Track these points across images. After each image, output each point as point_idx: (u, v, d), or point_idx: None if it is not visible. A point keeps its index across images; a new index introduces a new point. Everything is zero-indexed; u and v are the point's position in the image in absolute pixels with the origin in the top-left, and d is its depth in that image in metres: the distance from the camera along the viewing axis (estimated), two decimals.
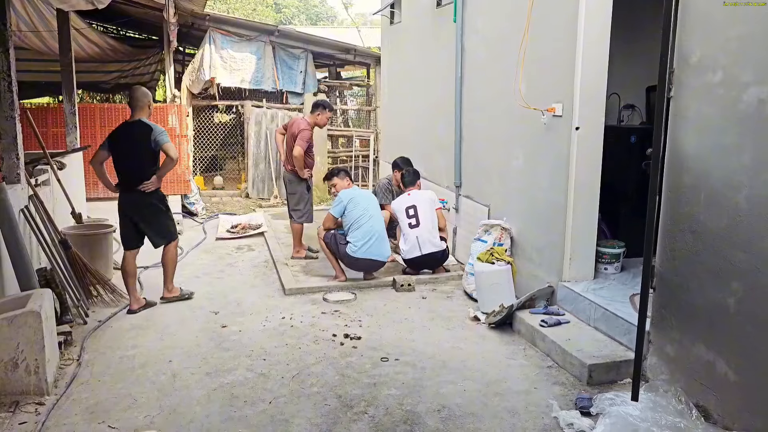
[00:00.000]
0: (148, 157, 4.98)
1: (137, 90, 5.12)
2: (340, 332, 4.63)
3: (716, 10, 3.19)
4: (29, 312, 3.49)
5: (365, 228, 5.68)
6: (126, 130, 5.00)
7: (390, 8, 9.06)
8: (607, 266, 4.90)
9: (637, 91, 5.76)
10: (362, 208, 5.77)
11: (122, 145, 4.97)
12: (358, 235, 5.67)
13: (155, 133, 4.90)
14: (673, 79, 3.46)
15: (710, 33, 3.24)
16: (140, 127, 4.94)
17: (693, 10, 3.34)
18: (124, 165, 5.01)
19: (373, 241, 5.69)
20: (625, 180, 5.27)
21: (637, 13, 5.44)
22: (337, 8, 40.59)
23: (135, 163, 4.96)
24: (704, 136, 3.30)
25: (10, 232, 3.94)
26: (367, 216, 5.74)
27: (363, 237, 5.66)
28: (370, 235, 5.68)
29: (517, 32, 5.09)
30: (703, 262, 3.32)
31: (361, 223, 5.70)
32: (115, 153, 4.98)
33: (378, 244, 5.72)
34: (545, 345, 4.25)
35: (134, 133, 4.93)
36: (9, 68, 4.32)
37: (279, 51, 11.15)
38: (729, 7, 3.11)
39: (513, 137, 5.37)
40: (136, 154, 4.94)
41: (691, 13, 3.35)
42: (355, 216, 5.72)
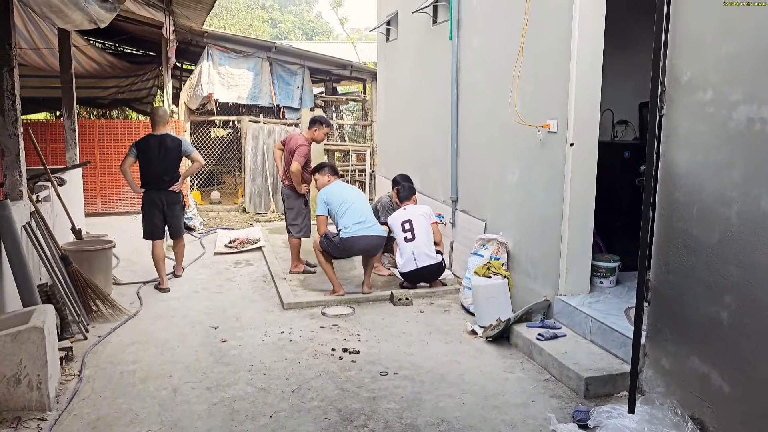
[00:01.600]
0: (176, 163, 6.11)
1: (159, 109, 6.26)
2: (339, 346, 4.67)
3: (706, 31, 3.29)
4: (32, 328, 3.53)
5: (351, 211, 5.87)
6: (157, 141, 5.98)
7: (386, 25, 9.18)
8: (603, 280, 4.97)
9: (630, 107, 5.86)
10: (341, 199, 5.95)
11: (153, 153, 5.95)
12: (346, 219, 5.85)
13: (184, 144, 6.17)
14: (665, 98, 3.55)
15: (700, 53, 3.33)
16: (172, 139, 6.08)
17: (683, 30, 3.44)
18: (156, 169, 6.00)
19: (363, 220, 5.86)
20: (620, 195, 5.35)
21: (629, 30, 5.55)
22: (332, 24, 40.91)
23: (168, 168, 6.03)
24: (696, 153, 3.38)
25: (14, 249, 3.98)
26: (348, 203, 5.92)
27: (351, 219, 5.83)
28: (358, 215, 5.87)
29: (512, 50, 5.20)
30: (696, 276, 3.38)
31: (345, 208, 5.88)
32: (145, 159, 5.97)
33: (369, 222, 5.90)
34: (542, 358, 4.30)
35: (167, 144, 6.00)
36: (13, 87, 4.38)
37: (276, 67, 11.26)
38: (718, 27, 3.21)
39: (509, 153, 5.45)
40: (168, 161, 6.01)
41: (682, 33, 3.45)
42: (336, 206, 5.92)
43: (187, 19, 8.89)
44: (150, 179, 6.03)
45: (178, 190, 6.13)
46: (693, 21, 3.38)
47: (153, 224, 6.09)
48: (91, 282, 5.21)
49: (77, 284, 5.09)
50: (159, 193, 6.03)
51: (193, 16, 8.61)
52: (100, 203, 9.59)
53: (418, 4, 7.32)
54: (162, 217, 6.11)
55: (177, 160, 6.08)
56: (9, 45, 4.35)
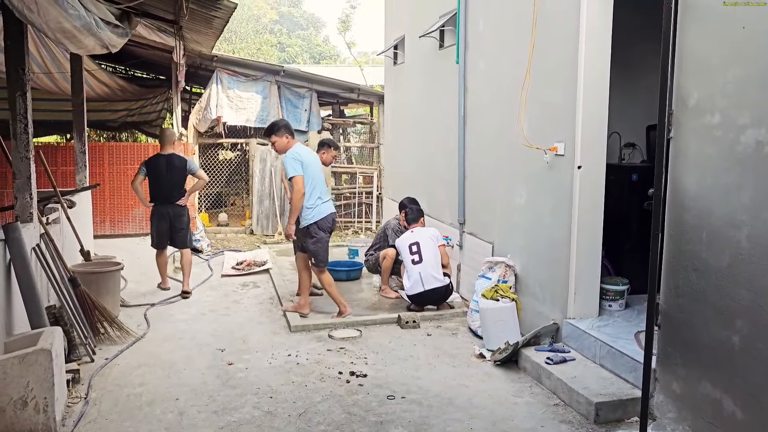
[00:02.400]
0: (182, 180, 6.71)
1: (167, 130, 7.12)
2: (346, 370, 4.64)
3: (712, 54, 3.31)
4: (40, 350, 3.52)
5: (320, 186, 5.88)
6: (165, 159, 6.61)
7: (393, 49, 9.28)
8: (612, 303, 4.93)
9: (637, 130, 5.86)
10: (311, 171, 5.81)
11: (161, 171, 6.58)
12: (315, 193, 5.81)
13: (189, 163, 6.81)
14: (673, 121, 3.56)
15: (707, 76, 3.35)
16: (178, 158, 6.72)
17: (689, 53, 3.46)
18: (164, 185, 6.62)
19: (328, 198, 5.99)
20: (628, 217, 5.34)
21: (636, 54, 5.58)
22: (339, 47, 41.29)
23: (174, 184, 6.65)
24: (705, 176, 3.38)
25: (23, 271, 4.00)
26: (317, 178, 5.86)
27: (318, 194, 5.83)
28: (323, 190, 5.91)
29: (518, 72, 5.23)
30: (706, 300, 3.36)
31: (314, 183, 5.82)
32: (154, 177, 6.59)
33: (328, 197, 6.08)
34: (551, 382, 4.26)
35: (174, 163, 6.63)
36: (26, 111, 4.44)
37: (284, 90, 11.37)
38: (725, 50, 3.23)
39: (516, 175, 5.46)
40: (175, 178, 6.64)
41: (688, 57, 3.47)
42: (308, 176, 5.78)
43: (196, 43, 9.00)
44: (159, 195, 6.65)
45: (184, 204, 6.76)
46: (699, 45, 3.40)
47: (160, 234, 6.71)
48: (99, 304, 5.22)
49: (85, 306, 5.09)
50: (167, 206, 6.65)
51: (203, 41, 8.72)
52: (109, 225, 9.64)
53: (424, 29, 7.40)
54: (168, 228, 6.69)
55: (183, 177, 6.70)
56: (22, 70, 4.42)
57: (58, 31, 3.95)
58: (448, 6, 6.95)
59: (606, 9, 4.45)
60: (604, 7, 4.44)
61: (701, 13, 3.37)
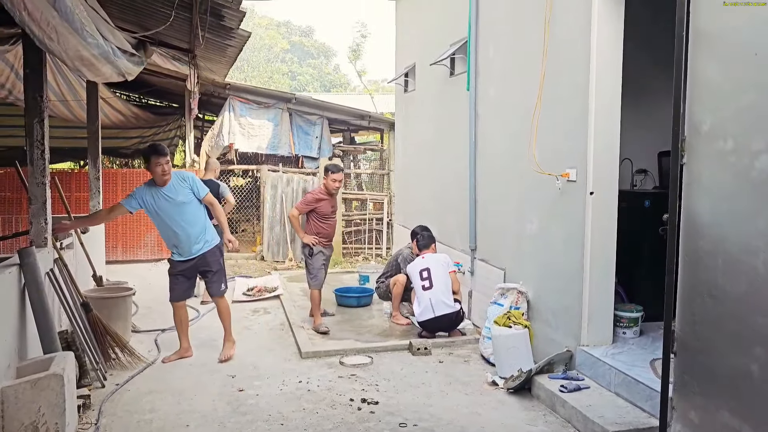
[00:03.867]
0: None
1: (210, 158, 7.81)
2: (358, 397, 4.60)
3: (725, 80, 3.31)
4: (52, 375, 3.52)
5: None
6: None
7: (404, 77, 9.38)
8: (626, 330, 4.88)
9: (649, 157, 5.86)
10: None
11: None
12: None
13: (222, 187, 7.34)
14: (685, 147, 3.55)
15: (720, 102, 3.34)
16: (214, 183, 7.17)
17: (702, 80, 3.46)
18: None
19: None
20: (640, 244, 5.30)
21: (647, 81, 5.60)
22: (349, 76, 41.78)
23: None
24: (719, 203, 3.36)
25: (37, 296, 4.02)
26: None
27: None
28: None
29: (529, 99, 5.26)
30: (724, 327, 3.31)
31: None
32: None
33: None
34: (565, 411, 4.20)
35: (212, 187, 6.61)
36: (43, 137, 4.50)
37: (295, 117, 11.49)
38: (737, 77, 3.23)
39: (527, 201, 5.46)
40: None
41: (701, 83, 3.47)
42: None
43: (210, 71, 9.15)
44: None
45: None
46: (711, 71, 3.41)
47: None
48: (111, 329, 5.22)
49: (97, 331, 5.10)
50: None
51: (216, 69, 8.86)
52: (121, 250, 9.70)
53: (435, 57, 7.48)
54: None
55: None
56: (40, 97, 4.49)
57: (76, 59, 4.02)
58: (458, 34, 7.04)
59: (617, 36, 4.49)
60: (615, 34, 4.49)
61: (712, 40, 3.39)
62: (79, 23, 3.56)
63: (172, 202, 5.16)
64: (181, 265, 5.37)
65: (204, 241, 5.34)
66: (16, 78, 7.36)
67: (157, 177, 5.13)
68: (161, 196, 5.15)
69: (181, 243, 5.25)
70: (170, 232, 5.23)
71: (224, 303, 5.59)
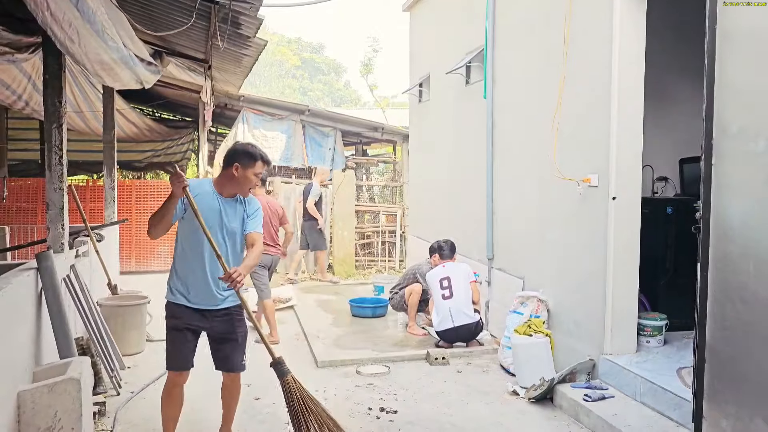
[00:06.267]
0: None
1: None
2: (376, 405, 4.51)
3: (755, 80, 3.25)
4: (69, 379, 3.46)
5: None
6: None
7: (419, 87, 9.36)
8: (650, 339, 4.78)
9: (670, 164, 5.79)
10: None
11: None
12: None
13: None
14: (713, 149, 3.48)
15: (751, 101, 3.28)
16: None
17: (730, 81, 3.40)
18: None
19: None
20: (663, 252, 5.21)
21: (668, 89, 5.55)
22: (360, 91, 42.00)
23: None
24: (750, 205, 3.28)
25: (54, 300, 3.98)
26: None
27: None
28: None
29: (548, 105, 5.22)
30: (755, 332, 3.22)
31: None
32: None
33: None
34: (590, 421, 4.09)
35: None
36: (61, 143, 4.50)
37: (309, 129, 11.50)
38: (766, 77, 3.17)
39: (547, 208, 5.39)
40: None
41: (729, 84, 3.41)
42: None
43: (225, 82, 9.17)
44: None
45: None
46: (740, 71, 3.35)
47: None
48: None
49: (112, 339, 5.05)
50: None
51: (231, 80, 8.88)
52: (135, 261, 9.70)
53: (450, 66, 7.46)
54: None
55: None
56: (59, 102, 4.49)
57: (96, 63, 4.02)
58: (474, 43, 7.02)
59: (638, 41, 4.44)
60: (637, 39, 4.44)
61: (741, 39, 3.33)
62: (100, 26, 3.55)
63: (225, 218, 3.55)
64: (189, 315, 3.61)
65: (233, 293, 3.60)
66: (33, 89, 7.41)
67: (245, 182, 3.54)
68: (219, 202, 3.55)
69: (199, 283, 3.56)
70: (195, 260, 3.53)
71: (239, 382, 3.95)
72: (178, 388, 3.71)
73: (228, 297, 3.61)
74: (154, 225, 3.39)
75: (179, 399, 3.72)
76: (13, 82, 7.02)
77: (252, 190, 3.67)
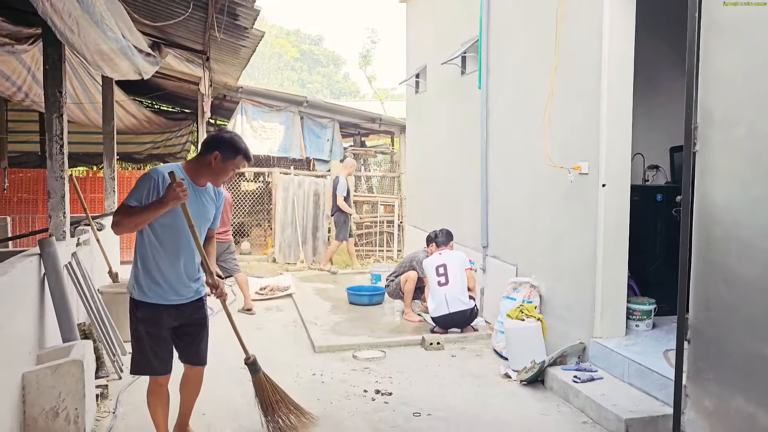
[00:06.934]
0: None
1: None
2: (371, 388, 4.62)
3: (738, 67, 3.34)
4: (72, 361, 3.57)
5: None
6: None
7: (415, 78, 9.44)
8: (639, 323, 4.88)
9: (660, 152, 5.88)
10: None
11: None
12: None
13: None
14: (698, 134, 3.58)
15: (733, 88, 3.37)
16: None
17: (715, 67, 3.49)
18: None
19: None
20: (653, 238, 5.32)
21: (659, 79, 5.63)
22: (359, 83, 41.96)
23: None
24: (732, 188, 3.38)
25: (57, 285, 4.09)
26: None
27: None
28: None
29: (541, 95, 5.30)
30: (737, 312, 3.32)
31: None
32: None
33: None
34: (579, 401, 4.21)
35: None
36: (62, 132, 4.59)
37: (307, 120, 11.58)
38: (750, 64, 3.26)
39: (539, 196, 5.48)
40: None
41: (713, 71, 3.50)
42: None
43: (223, 74, 9.24)
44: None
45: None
46: (724, 58, 3.44)
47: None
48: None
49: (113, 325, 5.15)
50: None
51: (229, 71, 8.95)
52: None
53: (446, 57, 7.54)
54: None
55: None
56: (60, 92, 4.58)
57: (96, 53, 4.10)
58: (469, 33, 7.09)
59: (628, 30, 4.52)
60: (627, 29, 4.52)
61: (724, 27, 3.42)
62: (99, 16, 3.63)
63: (201, 209, 3.37)
64: (165, 311, 3.37)
65: (201, 281, 3.50)
66: (33, 81, 7.49)
67: (221, 174, 3.38)
68: (195, 193, 3.34)
69: (175, 276, 3.32)
70: (172, 253, 3.28)
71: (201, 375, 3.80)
72: (163, 388, 3.56)
73: (199, 287, 3.48)
74: (131, 227, 3.14)
75: (166, 396, 3.60)
76: (13, 74, 7.11)
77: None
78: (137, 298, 3.36)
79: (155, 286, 3.29)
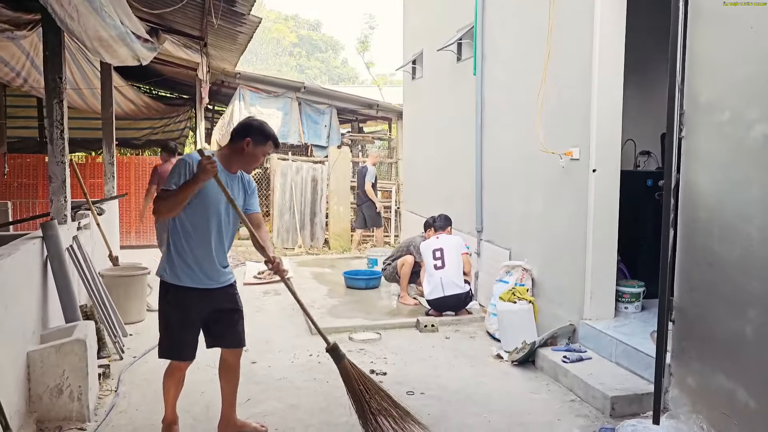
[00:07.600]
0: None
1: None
2: (367, 368, 4.72)
3: (722, 54, 3.42)
4: (75, 340, 3.69)
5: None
6: None
7: (412, 64, 9.49)
8: (628, 305, 5.00)
9: (652, 138, 5.97)
10: None
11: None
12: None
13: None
14: (684, 120, 3.67)
15: (717, 75, 3.46)
16: None
17: (700, 54, 3.58)
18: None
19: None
20: (643, 222, 5.41)
21: (651, 66, 5.70)
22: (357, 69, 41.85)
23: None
24: (715, 172, 3.47)
25: (59, 267, 4.19)
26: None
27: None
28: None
29: (534, 81, 5.38)
30: (720, 293, 3.43)
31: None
32: None
33: None
34: (568, 380, 4.33)
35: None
36: (62, 117, 4.67)
37: (305, 106, 11.64)
38: (734, 50, 3.34)
39: (532, 181, 5.58)
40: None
41: (699, 57, 3.58)
42: None
43: (221, 59, 9.30)
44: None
45: None
46: (709, 45, 3.52)
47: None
48: None
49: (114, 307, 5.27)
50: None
51: (227, 57, 9.01)
52: (135, 236, 9.90)
53: (442, 43, 7.60)
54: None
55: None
56: (60, 78, 4.66)
57: (95, 40, 4.18)
58: (465, 20, 7.15)
59: (619, 16, 4.59)
60: (618, 15, 4.59)
61: (710, 15, 3.50)
62: (98, 3, 3.71)
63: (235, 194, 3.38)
64: (196, 296, 3.38)
65: (230, 269, 3.59)
66: (31, 66, 7.54)
67: (252, 160, 3.43)
68: (227, 179, 3.35)
69: (207, 260, 3.36)
70: (203, 237, 3.33)
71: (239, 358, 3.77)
72: (182, 372, 3.63)
73: (229, 276, 3.53)
74: (170, 208, 3.18)
75: (182, 380, 3.67)
76: (12, 59, 7.16)
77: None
78: (169, 281, 3.36)
79: (188, 269, 3.33)
